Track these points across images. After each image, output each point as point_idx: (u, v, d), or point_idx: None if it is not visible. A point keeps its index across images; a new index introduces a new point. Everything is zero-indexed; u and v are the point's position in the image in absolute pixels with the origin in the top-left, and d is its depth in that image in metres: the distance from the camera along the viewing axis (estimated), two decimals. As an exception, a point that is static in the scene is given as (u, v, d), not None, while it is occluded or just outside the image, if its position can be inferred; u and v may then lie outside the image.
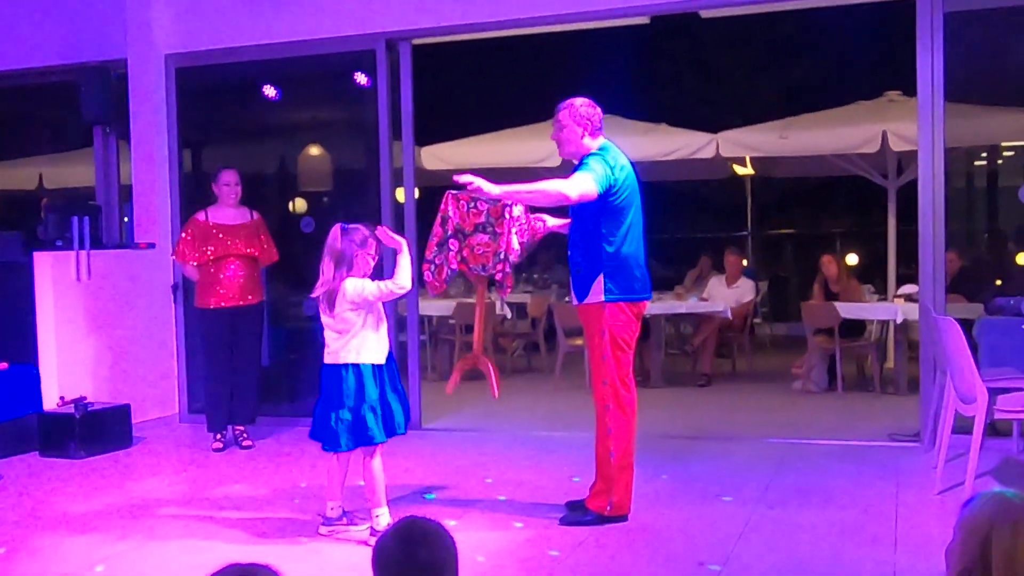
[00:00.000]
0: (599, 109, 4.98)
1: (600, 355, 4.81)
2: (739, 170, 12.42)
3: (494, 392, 5.30)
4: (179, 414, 7.99)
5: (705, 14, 7.48)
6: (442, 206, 5.11)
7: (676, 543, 4.59)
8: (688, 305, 9.56)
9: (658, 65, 15.52)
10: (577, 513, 4.92)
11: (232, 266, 6.72)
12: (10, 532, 4.98)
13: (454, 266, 5.12)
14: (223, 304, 6.72)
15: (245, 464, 6.41)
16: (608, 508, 4.83)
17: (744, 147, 10.46)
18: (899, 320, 8.45)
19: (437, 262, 5.16)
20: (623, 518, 4.85)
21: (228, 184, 6.79)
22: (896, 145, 9.07)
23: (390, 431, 4.66)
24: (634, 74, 14.76)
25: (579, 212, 4.87)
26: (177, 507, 5.40)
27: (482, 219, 5.03)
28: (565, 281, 8.50)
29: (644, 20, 7.49)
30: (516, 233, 5.02)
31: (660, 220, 16.73)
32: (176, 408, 8.01)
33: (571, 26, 7.47)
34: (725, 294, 9.87)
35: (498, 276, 5.06)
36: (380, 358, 4.70)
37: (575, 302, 4.98)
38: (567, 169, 5.06)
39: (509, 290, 5.22)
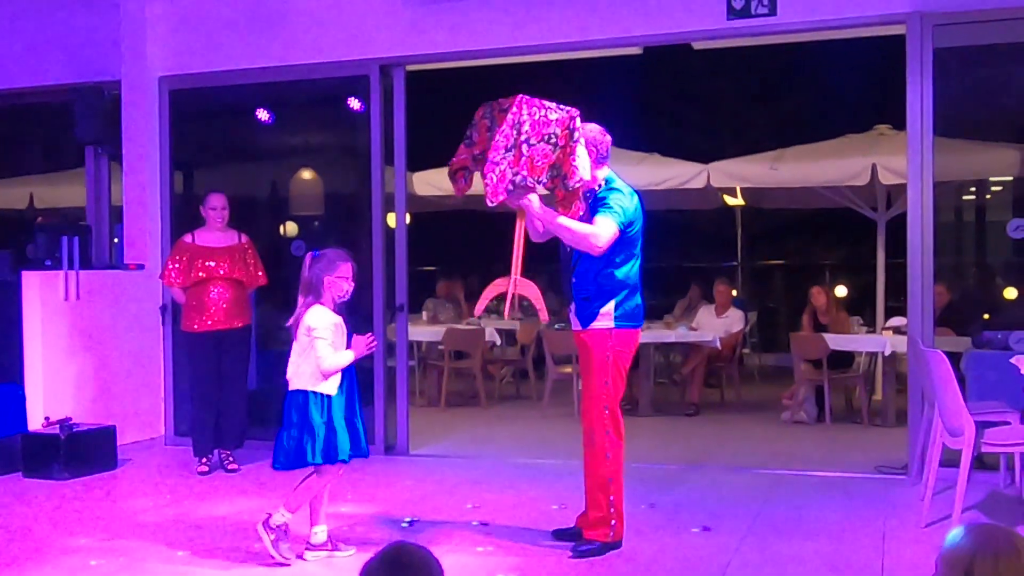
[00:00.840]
0: (609, 137, 5.00)
1: (603, 381, 4.82)
2: (729, 200, 12.47)
3: (545, 316, 5.14)
4: (164, 436, 7.95)
5: (697, 46, 7.53)
6: (516, 110, 4.68)
7: (663, 573, 4.57)
8: (677, 334, 9.57)
9: (650, 95, 15.60)
10: (583, 544, 4.82)
11: (217, 289, 6.69)
12: (-9, 553, 4.93)
13: (524, 172, 4.65)
14: (208, 327, 6.69)
15: (230, 488, 6.37)
16: (611, 535, 4.82)
17: (735, 178, 10.51)
18: (887, 352, 8.47)
19: (502, 166, 4.68)
20: (620, 544, 4.84)
21: (215, 208, 6.78)
22: (885, 178, 9.12)
23: (329, 456, 4.71)
24: (626, 104, 14.81)
25: None
26: (161, 530, 5.35)
27: (549, 129, 4.69)
28: (556, 308, 8.51)
29: (637, 51, 7.53)
30: (579, 155, 4.70)
31: (650, 249, 16.72)
32: (162, 430, 7.96)
33: (565, 55, 7.51)
34: (714, 324, 9.88)
35: (553, 189, 4.77)
36: (332, 390, 4.76)
37: (577, 327, 4.95)
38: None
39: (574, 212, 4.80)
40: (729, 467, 6.89)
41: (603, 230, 4.72)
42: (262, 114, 8.24)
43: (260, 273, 6.90)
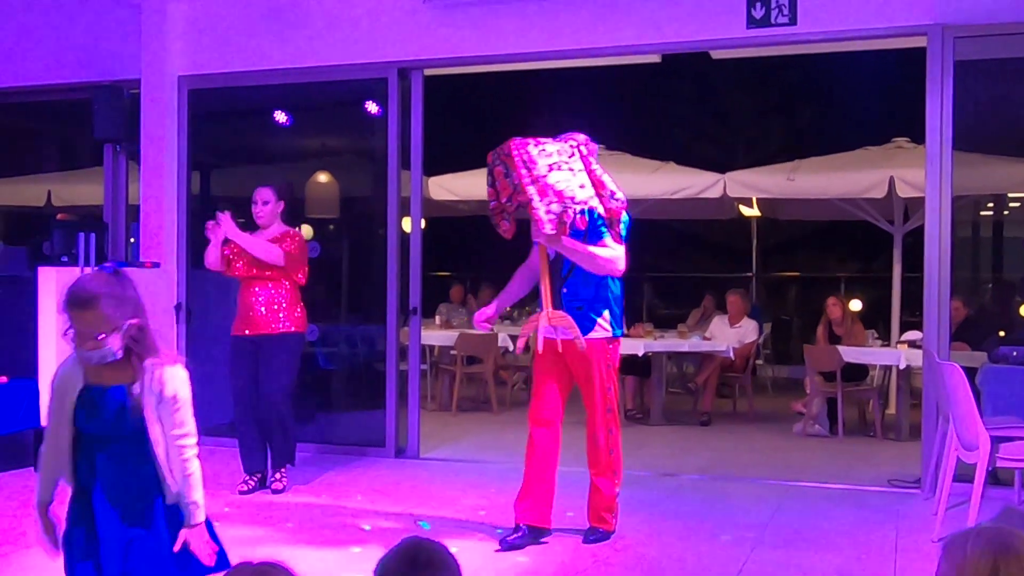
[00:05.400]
0: (594, 145, 5.15)
1: (605, 386, 5.10)
2: (745, 211, 12.45)
3: (583, 343, 4.98)
4: (177, 435, 7.95)
5: (716, 55, 7.53)
6: (516, 152, 4.85)
7: (672, 581, 4.56)
8: (691, 343, 9.54)
9: (667, 104, 15.62)
10: (592, 534, 5.15)
11: (258, 288, 6.20)
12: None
13: (556, 200, 4.76)
14: (244, 333, 6.21)
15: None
16: (614, 525, 5.20)
17: (751, 188, 10.48)
18: (902, 366, 8.43)
19: (511, 207, 5.01)
20: (613, 532, 5.19)
21: (255, 203, 6.31)
22: (903, 191, 9.08)
23: None
24: (643, 112, 14.85)
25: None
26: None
27: (552, 158, 4.88)
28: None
29: (655, 59, 7.54)
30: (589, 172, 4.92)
31: (665, 259, 16.85)
32: (174, 429, 7.97)
33: (583, 61, 7.51)
34: (728, 334, 9.86)
35: (575, 211, 4.85)
36: None
37: (566, 336, 4.98)
38: None
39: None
40: (740, 477, 6.86)
41: (622, 253, 5.03)
42: (279, 115, 8.26)
43: (299, 274, 6.28)
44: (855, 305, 11.36)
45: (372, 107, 7.74)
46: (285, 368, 6.15)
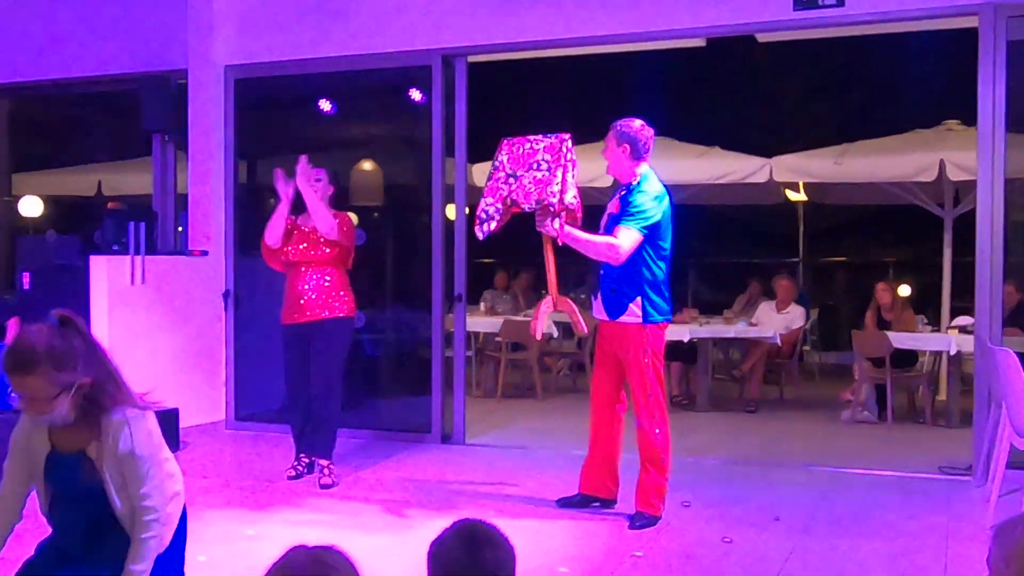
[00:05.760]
0: (650, 132, 5.20)
1: (642, 371, 5.11)
2: (792, 196, 12.32)
3: (583, 329, 5.37)
4: (226, 421, 8.07)
5: (762, 38, 7.45)
6: (499, 152, 5.14)
7: (720, 567, 4.54)
8: (736, 330, 9.48)
9: (713, 88, 15.45)
10: (639, 519, 5.13)
11: (306, 275, 6.07)
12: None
13: (497, 206, 5.05)
14: (293, 319, 6.09)
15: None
16: (660, 509, 5.16)
17: (798, 172, 10.37)
18: (953, 352, 8.31)
19: (487, 213, 5.15)
20: (660, 518, 5.17)
21: None
22: (954, 174, 8.94)
23: None
24: (689, 96, 14.72)
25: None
26: (221, 511, 5.43)
27: (536, 156, 5.01)
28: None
29: (700, 43, 7.47)
30: (572, 173, 5.01)
31: (710, 244, 16.71)
32: (223, 415, 8.08)
33: (628, 46, 7.47)
34: (775, 320, 9.77)
35: (555, 206, 4.93)
36: None
37: (605, 319, 5.24)
38: (617, 187, 5.33)
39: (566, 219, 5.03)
40: (787, 464, 6.81)
41: (623, 241, 4.99)
42: (324, 104, 8.32)
43: (349, 258, 6.19)
44: (904, 290, 11.21)
45: (416, 94, 7.76)
46: (335, 358, 6.07)
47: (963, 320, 8.77)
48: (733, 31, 7.03)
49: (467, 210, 7.72)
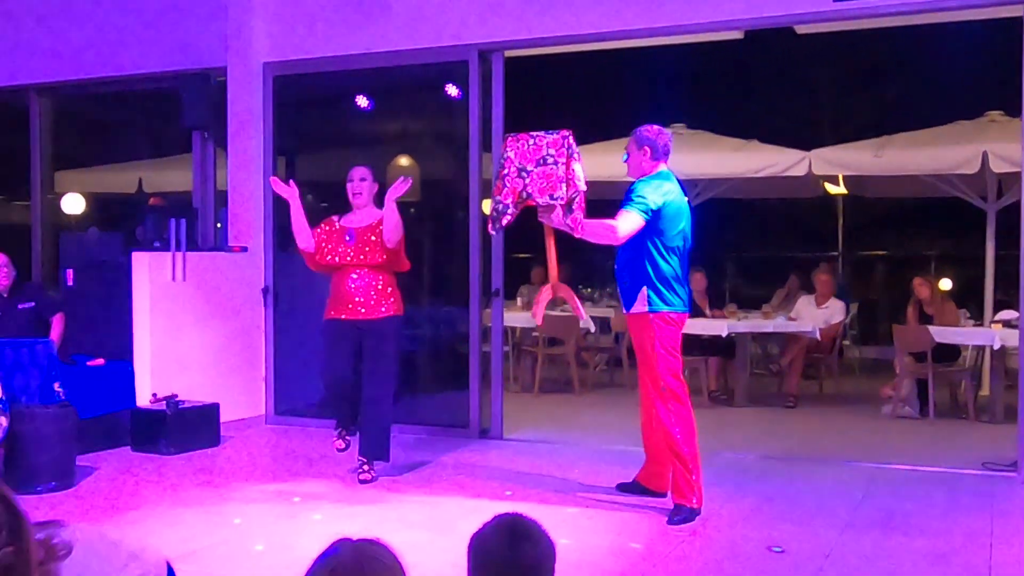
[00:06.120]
0: (668, 135, 5.37)
1: (653, 361, 5.20)
2: (831, 189, 12.21)
3: (582, 315, 5.56)
4: (265, 416, 8.13)
5: (800, 30, 7.38)
6: (504, 149, 5.23)
7: (759, 563, 4.51)
8: (775, 324, 9.41)
9: (751, 81, 15.34)
10: (677, 514, 5.12)
11: (353, 276, 5.95)
12: (98, 521, 5.11)
13: (507, 201, 5.11)
14: (339, 317, 5.99)
15: (332, 466, 6.46)
16: (695, 502, 5.13)
17: (837, 165, 10.27)
18: (996, 346, 8.20)
19: (499, 209, 5.19)
20: (699, 512, 5.14)
21: (351, 180, 6.05)
22: (997, 166, 8.82)
23: None
24: (727, 90, 14.62)
25: None
26: (264, 505, 5.48)
27: (542, 152, 5.10)
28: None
29: (738, 35, 7.41)
30: (578, 164, 5.11)
31: (749, 238, 16.61)
32: (263, 410, 8.15)
33: (665, 39, 7.43)
34: (814, 314, 9.69)
35: (564, 199, 5.04)
36: None
37: (624, 310, 5.41)
38: None
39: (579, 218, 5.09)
40: (828, 460, 6.76)
41: (622, 223, 5.05)
42: (361, 100, 8.35)
43: (405, 260, 6.11)
44: (944, 284, 11.08)
45: (453, 90, 7.78)
46: (390, 359, 5.99)
47: (1007, 314, 8.65)
48: (772, 23, 6.97)
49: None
